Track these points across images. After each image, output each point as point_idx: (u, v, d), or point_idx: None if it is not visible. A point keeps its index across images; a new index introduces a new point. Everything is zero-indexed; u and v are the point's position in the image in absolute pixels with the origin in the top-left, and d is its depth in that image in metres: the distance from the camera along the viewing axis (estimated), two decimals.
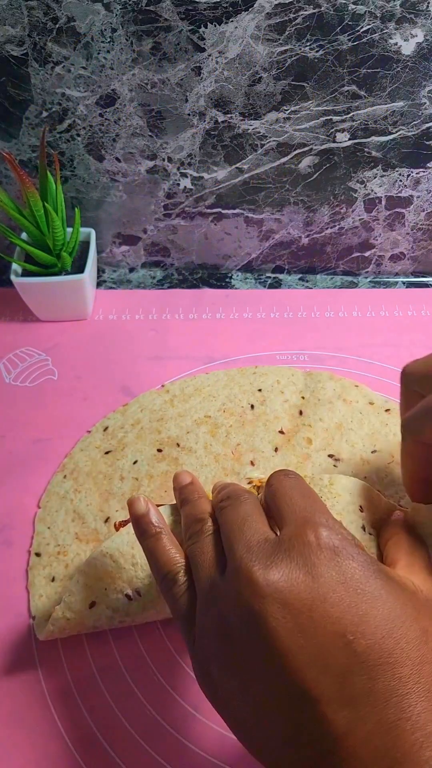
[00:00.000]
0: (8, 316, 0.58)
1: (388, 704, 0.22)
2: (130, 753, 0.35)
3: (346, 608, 0.24)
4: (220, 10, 0.44)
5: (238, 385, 0.51)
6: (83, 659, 0.38)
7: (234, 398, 0.50)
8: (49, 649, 0.38)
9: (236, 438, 0.47)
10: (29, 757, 0.35)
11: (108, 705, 0.36)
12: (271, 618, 0.24)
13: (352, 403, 0.49)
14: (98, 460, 0.47)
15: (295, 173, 0.55)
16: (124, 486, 0.45)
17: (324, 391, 0.50)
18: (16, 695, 0.37)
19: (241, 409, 0.49)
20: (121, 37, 0.46)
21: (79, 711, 0.36)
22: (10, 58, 0.47)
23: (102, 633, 0.38)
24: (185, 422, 0.49)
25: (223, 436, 0.48)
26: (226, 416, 0.49)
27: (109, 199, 0.58)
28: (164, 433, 0.48)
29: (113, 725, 0.35)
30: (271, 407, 0.49)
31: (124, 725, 0.35)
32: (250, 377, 0.52)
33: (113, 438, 0.48)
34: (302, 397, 0.50)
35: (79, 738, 0.35)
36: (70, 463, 0.47)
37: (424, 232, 0.60)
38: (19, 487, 0.46)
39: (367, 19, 0.45)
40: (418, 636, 0.24)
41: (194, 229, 0.60)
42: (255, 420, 0.49)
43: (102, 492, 0.45)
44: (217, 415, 0.49)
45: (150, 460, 0.46)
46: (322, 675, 0.23)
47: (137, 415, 0.50)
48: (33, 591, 0.40)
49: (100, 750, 0.35)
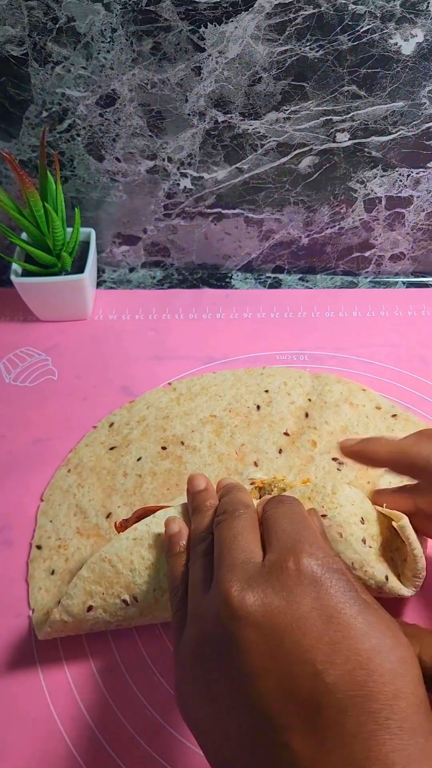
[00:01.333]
0: (8, 316, 0.58)
1: (356, 740, 0.22)
2: (130, 753, 0.35)
3: (318, 637, 0.24)
4: (220, 10, 0.44)
5: (245, 385, 0.51)
6: (83, 659, 0.38)
7: (240, 398, 0.50)
8: (49, 649, 0.38)
9: (241, 438, 0.47)
10: (29, 756, 0.35)
11: (108, 705, 0.36)
12: (243, 640, 0.24)
13: (358, 406, 0.49)
14: (102, 455, 0.47)
15: (295, 173, 0.55)
16: (127, 482, 0.45)
17: (331, 394, 0.50)
18: (16, 695, 0.37)
19: (247, 410, 0.49)
20: (121, 37, 0.46)
21: (78, 711, 0.36)
22: (10, 58, 0.47)
23: (102, 633, 0.38)
24: (190, 421, 0.49)
25: (227, 435, 0.48)
26: (231, 416, 0.49)
27: (109, 199, 0.58)
28: (169, 431, 0.48)
29: (113, 725, 0.35)
30: (277, 408, 0.49)
31: (123, 725, 0.36)
32: (257, 378, 0.52)
33: (118, 434, 0.48)
34: (309, 400, 0.50)
35: (79, 737, 0.35)
36: (74, 458, 0.47)
37: (424, 232, 0.60)
38: (19, 487, 0.46)
39: (367, 19, 0.45)
40: (393, 668, 0.23)
41: (194, 229, 0.60)
42: (260, 421, 0.48)
43: (105, 488, 0.45)
44: (223, 415, 0.49)
45: (154, 457, 0.46)
46: (289, 703, 0.23)
47: (143, 412, 0.50)
48: (32, 584, 0.41)
49: (100, 749, 0.35)
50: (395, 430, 0.47)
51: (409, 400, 0.50)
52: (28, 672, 0.38)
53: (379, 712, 0.22)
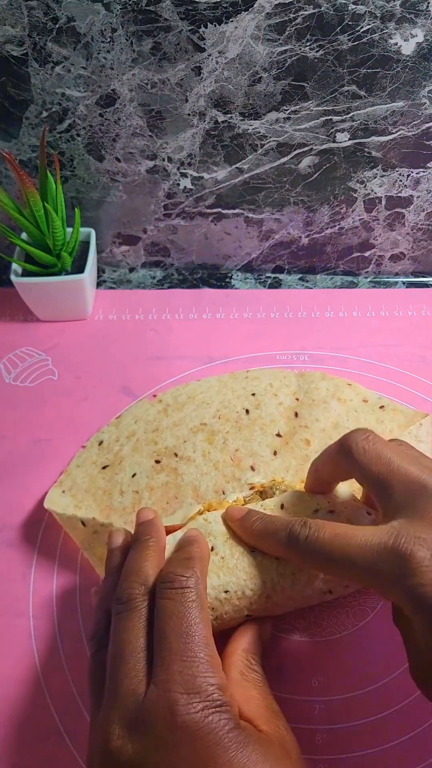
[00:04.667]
0: (8, 316, 0.58)
1: None
2: None
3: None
4: (220, 10, 0.44)
5: (231, 390, 0.50)
6: (83, 659, 0.38)
7: (228, 404, 0.49)
8: (49, 649, 0.38)
9: (234, 444, 0.47)
10: (29, 756, 0.35)
11: None
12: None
13: (346, 401, 0.49)
14: (96, 475, 0.46)
15: (295, 173, 0.55)
16: (124, 500, 0.44)
17: (318, 392, 0.49)
18: (15, 695, 0.37)
19: (237, 415, 0.48)
20: (121, 37, 0.46)
21: (79, 711, 0.36)
22: (10, 58, 0.47)
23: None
24: (181, 431, 0.48)
25: (220, 442, 0.47)
26: (222, 422, 0.48)
27: (109, 199, 0.58)
28: (161, 444, 0.47)
29: None
30: (267, 411, 0.48)
31: None
32: (242, 382, 0.51)
33: (109, 452, 0.47)
34: (296, 399, 0.49)
35: (80, 738, 0.35)
36: (67, 480, 0.46)
37: (424, 232, 0.60)
38: (19, 487, 0.46)
39: (367, 19, 0.45)
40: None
41: (194, 229, 0.60)
42: (251, 424, 0.48)
43: (103, 508, 0.44)
44: (213, 422, 0.48)
45: (149, 472, 0.45)
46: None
47: (131, 427, 0.48)
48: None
49: None
50: (384, 422, 0.47)
51: (409, 401, 0.50)
52: (28, 672, 0.38)
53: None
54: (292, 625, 0.39)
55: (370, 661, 0.38)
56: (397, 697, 0.36)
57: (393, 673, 0.37)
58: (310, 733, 0.35)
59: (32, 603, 0.40)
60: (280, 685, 0.36)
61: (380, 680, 0.37)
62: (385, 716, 0.36)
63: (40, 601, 0.41)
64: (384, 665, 0.37)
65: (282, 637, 0.39)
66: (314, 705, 0.36)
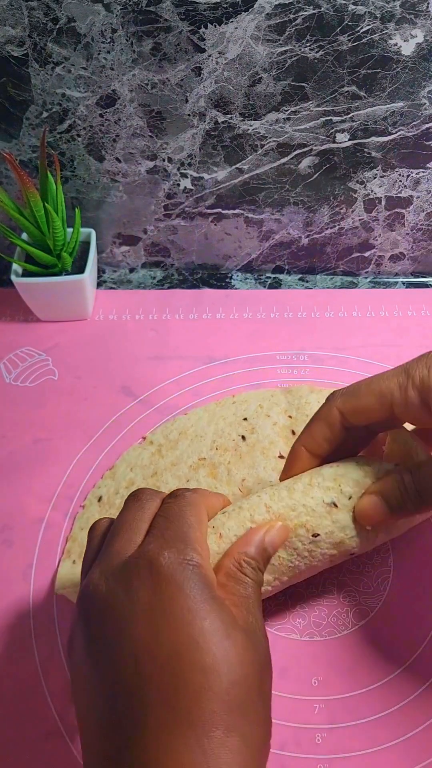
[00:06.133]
0: (8, 316, 0.58)
1: (159, 741, 0.23)
2: None
3: (145, 628, 0.25)
4: (220, 11, 0.44)
5: (222, 418, 0.49)
6: None
7: (222, 433, 0.47)
8: (50, 650, 0.38)
9: (239, 474, 0.45)
10: (29, 757, 0.35)
11: None
12: (80, 614, 0.27)
13: None
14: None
15: (295, 173, 0.55)
16: None
17: (309, 406, 0.48)
18: (16, 695, 0.37)
19: (234, 443, 0.47)
20: (122, 38, 0.46)
21: None
22: (11, 59, 0.48)
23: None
24: (181, 470, 0.45)
25: (224, 475, 0.45)
26: (220, 453, 0.46)
27: (110, 200, 0.58)
28: (163, 488, 0.44)
29: None
30: (263, 433, 0.47)
31: None
32: (231, 408, 0.49)
33: (111, 506, 0.45)
34: (289, 416, 0.48)
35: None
36: (74, 547, 0.43)
37: (424, 232, 0.60)
38: (19, 487, 0.46)
39: (367, 20, 0.45)
40: (211, 662, 0.24)
41: (194, 229, 0.60)
42: (251, 450, 0.46)
43: None
44: (212, 455, 0.46)
45: None
46: (109, 698, 0.24)
47: (129, 476, 0.46)
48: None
49: None
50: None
51: None
52: (28, 672, 0.38)
53: (181, 707, 0.23)
54: (292, 625, 0.39)
55: (370, 661, 0.38)
56: (397, 697, 0.36)
57: (393, 673, 0.37)
58: (310, 733, 0.35)
59: (32, 603, 0.41)
60: (281, 685, 0.36)
61: (380, 680, 0.37)
62: (385, 716, 0.36)
63: (40, 601, 0.41)
64: (384, 665, 0.37)
65: (282, 637, 0.39)
66: (314, 705, 0.36)
